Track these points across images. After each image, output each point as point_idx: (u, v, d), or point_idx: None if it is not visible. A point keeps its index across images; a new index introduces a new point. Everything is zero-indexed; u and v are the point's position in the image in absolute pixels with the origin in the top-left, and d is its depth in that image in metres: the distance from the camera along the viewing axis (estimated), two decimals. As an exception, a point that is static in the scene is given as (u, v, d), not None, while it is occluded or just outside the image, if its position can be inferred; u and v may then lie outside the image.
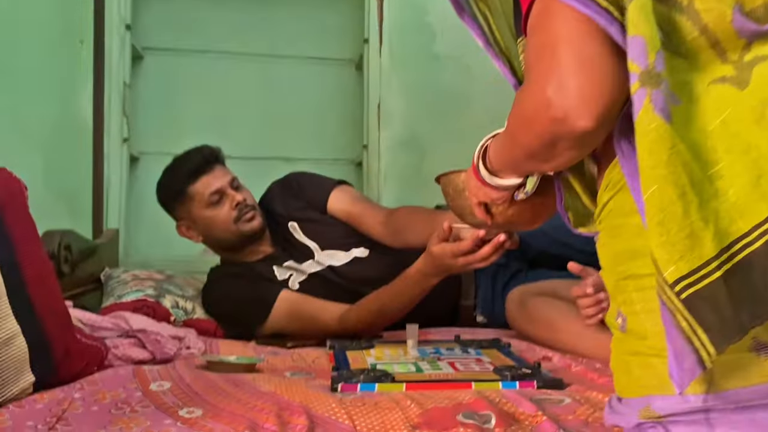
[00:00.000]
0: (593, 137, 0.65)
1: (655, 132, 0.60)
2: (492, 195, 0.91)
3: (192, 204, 1.69)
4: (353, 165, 2.76)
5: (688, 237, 0.59)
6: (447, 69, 2.56)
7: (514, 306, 1.60)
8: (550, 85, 0.62)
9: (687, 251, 0.59)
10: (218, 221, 1.69)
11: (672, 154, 0.59)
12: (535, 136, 0.68)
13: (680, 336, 0.60)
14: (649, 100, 0.60)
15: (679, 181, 0.59)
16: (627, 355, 0.73)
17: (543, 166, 0.75)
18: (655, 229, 0.60)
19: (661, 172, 0.59)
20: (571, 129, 0.63)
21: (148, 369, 1.13)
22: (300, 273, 1.72)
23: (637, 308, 0.70)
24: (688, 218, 0.59)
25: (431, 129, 2.55)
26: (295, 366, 1.25)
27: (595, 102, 0.61)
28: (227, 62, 2.74)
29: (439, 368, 1.17)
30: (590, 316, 1.35)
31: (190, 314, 1.66)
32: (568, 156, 0.70)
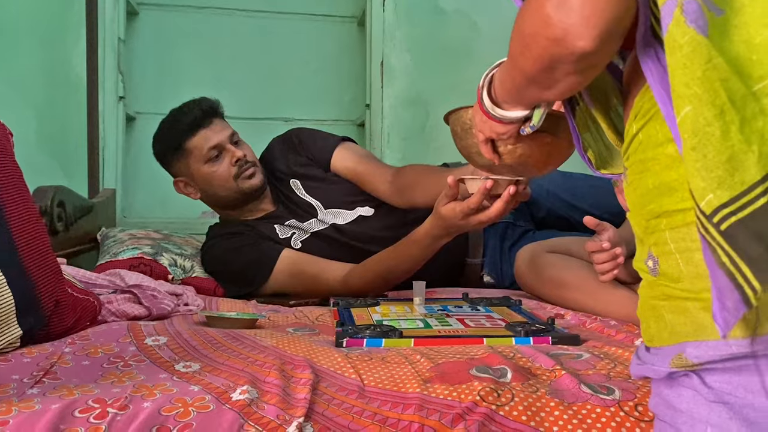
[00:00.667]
0: (594, 60, 0.60)
1: (688, 46, 0.53)
2: (497, 129, 0.84)
3: (190, 159, 1.63)
4: (355, 125, 2.69)
5: (728, 161, 0.53)
6: (452, 23, 2.47)
7: (524, 263, 1.54)
8: (550, 2, 0.57)
9: (727, 176, 0.53)
10: (217, 177, 1.62)
11: (707, 69, 0.53)
12: (533, 59, 0.63)
13: (722, 273, 0.54)
14: (681, 11, 0.54)
15: (717, 100, 0.53)
16: (658, 300, 0.67)
17: (546, 94, 0.69)
18: (690, 156, 0.54)
19: (696, 90, 0.53)
20: (571, 49, 0.58)
21: (144, 324, 1.08)
22: (302, 232, 1.67)
23: (670, 248, 0.64)
24: (728, 140, 0.53)
25: (436, 86, 2.47)
26: (298, 322, 1.20)
27: (596, 19, 0.56)
28: (225, 19, 2.65)
29: (448, 324, 1.12)
30: (606, 271, 1.30)
31: (188, 273, 1.61)
32: (571, 82, 0.64)
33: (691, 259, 0.62)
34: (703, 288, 0.61)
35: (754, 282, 0.52)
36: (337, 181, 1.73)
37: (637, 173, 0.69)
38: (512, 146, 0.89)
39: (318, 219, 1.68)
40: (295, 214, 1.69)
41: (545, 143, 0.89)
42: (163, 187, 1.80)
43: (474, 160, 0.99)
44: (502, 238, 1.75)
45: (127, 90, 2.40)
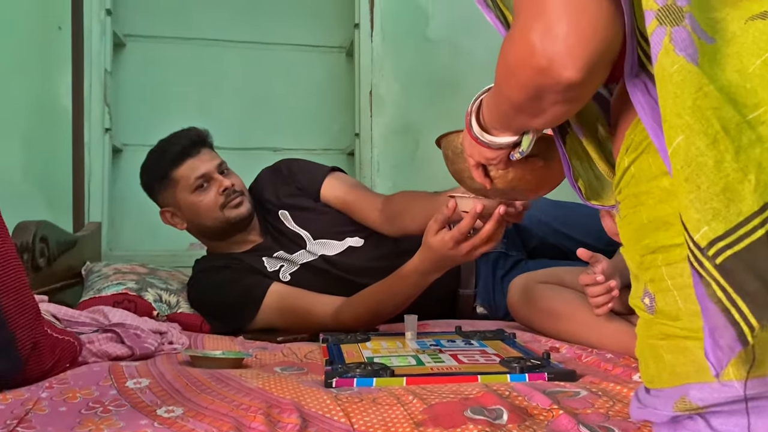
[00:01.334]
0: (581, 90, 0.58)
1: (678, 74, 0.52)
2: (486, 154, 0.82)
3: (176, 189, 1.60)
4: (345, 155, 2.68)
5: (722, 191, 0.50)
6: (440, 53, 2.49)
7: (517, 294, 1.52)
8: (535, 31, 0.55)
9: (722, 208, 0.50)
10: (203, 207, 1.59)
11: (698, 98, 0.51)
12: (519, 88, 0.61)
13: (716, 308, 0.51)
14: (669, 39, 0.52)
15: (709, 129, 0.51)
16: (656, 340, 0.65)
17: (533, 122, 0.68)
18: (683, 187, 0.52)
19: (687, 119, 0.51)
20: (556, 80, 0.56)
21: (126, 365, 1.04)
22: (291, 264, 1.63)
23: (667, 284, 0.62)
24: (722, 170, 0.50)
25: (425, 115, 2.46)
26: (286, 361, 1.17)
27: (582, 50, 0.54)
28: (213, 50, 2.65)
29: (441, 361, 1.09)
30: (600, 305, 1.27)
31: (174, 308, 1.57)
32: (557, 111, 0.63)
33: (689, 296, 0.59)
34: (702, 326, 0.59)
35: (751, 318, 0.50)
36: (327, 212, 1.71)
37: (630, 207, 0.67)
38: (503, 171, 0.87)
39: (307, 250, 1.65)
40: (284, 245, 1.66)
41: (537, 168, 0.87)
42: (150, 219, 1.77)
43: (466, 184, 0.97)
44: (495, 268, 1.73)
45: (113, 122, 2.38)
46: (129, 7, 2.55)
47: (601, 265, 1.29)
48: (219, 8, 2.64)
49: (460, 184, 1.00)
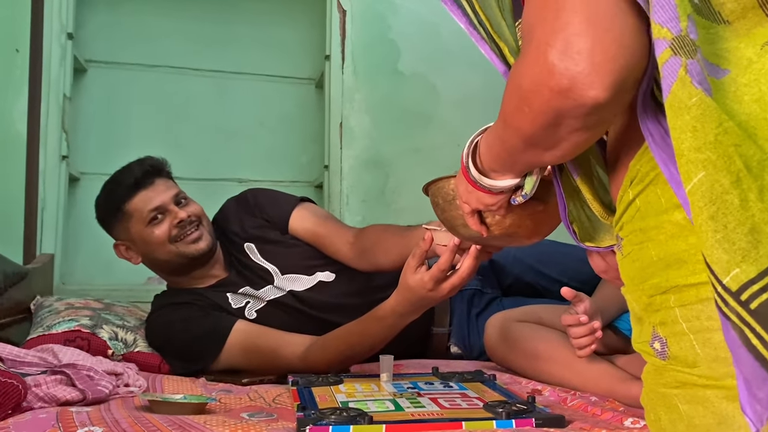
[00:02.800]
0: (605, 112, 0.53)
1: (697, 108, 0.48)
2: (485, 200, 0.77)
3: (130, 222, 1.52)
4: (313, 187, 2.62)
5: (750, 232, 0.46)
6: (412, 87, 2.46)
7: (494, 333, 1.46)
8: (554, 48, 0.51)
9: (751, 249, 0.46)
10: (156, 240, 1.51)
11: (720, 134, 0.48)
12: (534, 115, 0.55)
13: (751, 357, 0.47)
14: (685, 71, 0.48)
15: (732, 167, 0.47)
16: (669, 388, 0.60)
17: (545, 156, 0.61)
18: (708, 225, 0.48)
19: (709, 155, 0.48)
20: (580, 101, 0.51)
21: (77, 411, 0.94)
22: (257, 300, 1.55)
23: (682, 328, 0.57)
24: (748, 210, 0.47)
25: (396, 148, 2.43)
26: (253, 405, 1.08)
27: (608, 67, 0.50)
28: (179, 78, 2.58)
29: (421, 405, 1.02)
30: (583, 346, 1.23)
31: (131, 347, 1.46)
32: (576, 140, 0.57)
33: (709, 341, 0.55)
34: (725, 374, 0.54)
35: None
36: (296, 245, 1.63)
37: (635, 243, 0.62)
38: (501, 217, 0.81)
39: (274, 286, 1.57)
40: (250, 280, 1.58)
41: (537, 212, 0.82)
42: (107, 251, 1.67)
43: (459, 232, 0.91)
44: (470, 306, 1.68)
45: (71, 149, 2.28)
46: (92, 31, 2.48)
47: (584, 304, 1.25)
48: (186, 36, 2.58)
49: (451, 232, 0.94)
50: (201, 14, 2.60)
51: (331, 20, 2.41)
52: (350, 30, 2.42)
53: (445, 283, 1.15)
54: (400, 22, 2.46)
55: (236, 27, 2.62)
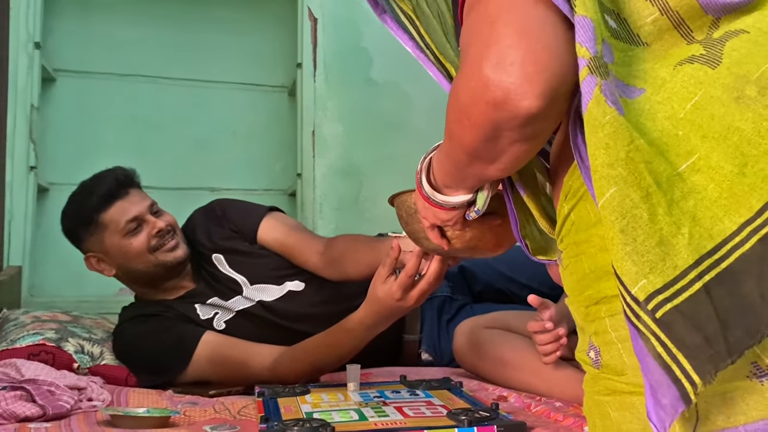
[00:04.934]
0: (540, 122, 0.54)
1: (610, 126, 0.50)
2: (441, 216, 0.78)
3: (105, 233, 1.50)
4: (286, 195, 2.61)
5: (657, 245, 0.48)
6: (384, 95, 2.47)
7: (463, 340, 1.47)
8: (488, 61, 0.52)
9: (659, 261, 0.48)
10: (135, 251, 1.49)
11: (631, 150, 0.49)
12: (473, 128, 0.56)
13: (656, 365, 0.48)
14: (600, 89, 0.50)
15: (642, 182, 0.49)
16: (602, 395, 0.61)
17: (489, 170, 0.63)
18: (618, 238, 0.49)
19: (620, 171, 0.49)
20: (515, 112, 0.52)
21: (35, 427, 0.93)
22: (226, 311, 1.54)
23: (611, 337, 0.59)
24: (656, 223, 0.48)
25: (369, 156, 2.43)
26: (217, 418, 1.07)
27: (540, 77, 0.51)
28: (149, 87, 2.56)
29: (385, 414, 1.02)
30: (549, 353, 1.24)
31: (97, 360, 1.45)
32: (516, 152, 0.58)
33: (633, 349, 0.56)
34: None
35: (694, 375, 0.46)
36: (265, 255, 1.63)
37: (572, 257, 0.64)
38: (461, 231, 0.82)
39: (243, 296, 1.56)
40: (218, 291, 1.57)
41: (495, 225, 0.83)
42: (77, 263, 1.65)
43: (422, 244, 0.92)
44: (440, 313, 1.68)
45: (40, 159, 2.25)
46: (60, 40, 2.45)
47: (550, 311, 1.26)
48: (157, 44, 2.56)
49: (416, 244, 0.95)
50: (172, 23, 2.58)
51: (303, 28, 2.41)
52: (322, 38, 2.42)
53: (413, 291, 1.16)
54: (372, 30, 2.46)
55: (208, 35, 2.61)
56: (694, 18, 0.54)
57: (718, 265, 0.47)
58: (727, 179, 0.48)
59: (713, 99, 0.50)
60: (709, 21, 0.54)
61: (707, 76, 0.51)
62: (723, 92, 0.50)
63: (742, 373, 0.49)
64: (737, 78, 0.50)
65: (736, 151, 0.49)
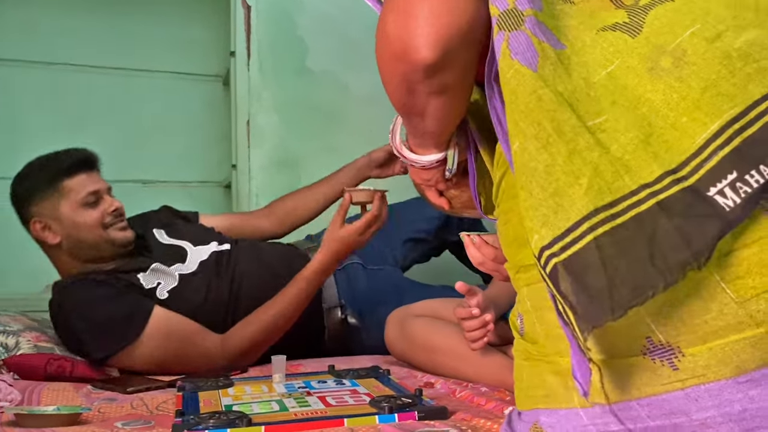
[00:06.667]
0: (444, 75, 0.55)
1: (514, 79, 0.50)
2: (422, 175, 0.79)
3: (62, 200, 1.50)
4: (222, 187, 2.56)
5: (551, 196, 0.48)
6: (321, 84, 2.43)
7: (393, 328, 1.47)
8: (389, 19, 0.54)
9: (551, 214, 0.48)
10: (88, 223, 1.51)
11: (531, 101, 0.49)
12: (392, 86, 0.59)
13: (562, 320, 0.48)
14: (507, 44, 0.51)
15: (541, 133, 0.49)
16: (520, 359, 0.61)
17: (424, 124, 0.65)
18: (519, 195, 0.50)
19: (521, 125, 0.50)
20: (414, 64, 0.54)
21: (-69, 431, 0.88)
22: (169, 278, 1.53)
23: (527, 306, 0.59)
24: (552, 174, 0.48)
25: (307, 147, 2.39)
26: (133, 414, 1.04)
27: (430, 27, 0.52)
28: (78, 76, 2.47)
29: (307, 404, 1.00)
30: (476, 339, 1.24)
31: (12, 351, 1.37)
32: (436, 105, 0.60)
33: (543, 318, 0.56)
34: (554, 351, 0.55)
35: (577, 332, 0.46)
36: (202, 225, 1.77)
37: (503, 224, 0.64)
38: (457, 192, 0.83)
39: (186, 263, 1.58)
40: (160, 258, 1.57)
41: None
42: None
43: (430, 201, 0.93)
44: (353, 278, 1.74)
45: (-43, 152, 2.14)
46: (-20, 26, 2.34)
47: (477, 298, 1.26)
48: (86, 32, 2.46)
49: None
50: (100, 10, 2.49)
51: (236, 16, 2.35)
52: (255, 26, 2.37)
53: (370, 230, 1.41)
54: (306, 19, 2.43)
55: (139, 23, 2.53)
56: None
57: (613, 219, 0.46)
58: (632, 143, 0.48)
59: (629, 69, 0.50)
60: None
61: (626, 45, 0.51)
62: (639, 62, 0.50)
63: (637, 348, 0.49)
64: (654, 48, 0.50)
65: (643, 121, 0.48)
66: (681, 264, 0.44)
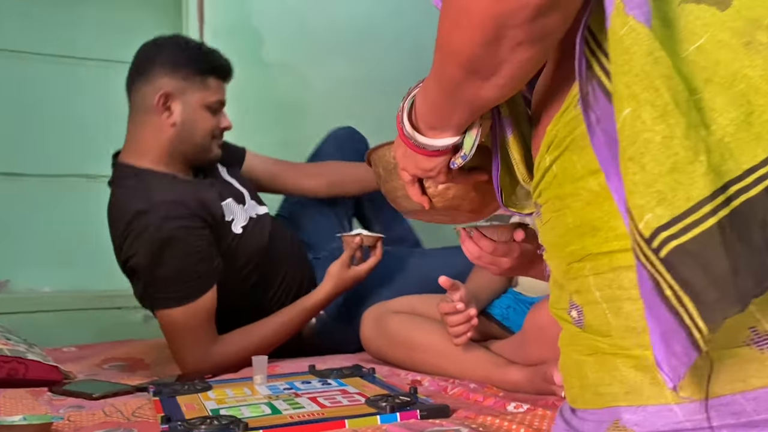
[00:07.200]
0: (551, 16, 0.49)
1: (628, 37, 0.45)
2: (423, 164, 0.69)
3: (198, 92, 1.51)
4: (172, 182, 2.44)
5: (669, 172, 0.44)
6: (278, 77, 2.36)
7: (369, 325, 1.43)
8: None
9: (669, 192, 0.44)
10: (204, 126, 1.52)
11: (647, 63, 0.45)
12: (473, 29, 0.50)
13: (665, 309, 0.44)
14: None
15: (658, 100, 0.44)
16: (583, 355, 0.57)
17: (485, 89, 0.56)
18: (627, 167, 0.45)
19: (635, 89, 0.45)
20: (523, 2, 0.46)
21: None
22: (241, 216, 1.56)
23: (595, 297, 0.55)
24: (671, 148, 0.44)
25: (263, 141, 2.29)
26: (108, 421, 0.95)
27: None
28: (17, 63, 2.30)
29: (300, 406, 0.95)
30: (460, 334, 1.22)
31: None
32: (519, 59, 0.52)
33: (620, 310, 0.52)
34: (635, 344, 0.52)
35: (700, 322, 0.43)
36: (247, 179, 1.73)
37: (554, 211, 0.59)
38: (443, 187, 0.74)
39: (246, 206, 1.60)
40: (232, 193, 1.58)
41: (480, 182, 0.75)
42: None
43: (400, 204, 0.83)
44: None
45: None
46: None
47: (460, 292, 1.24)
48: (25, 17, 2.30)
49: (393, 205, 0.85)
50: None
51: (188, 4, 2.25)
52: (209, 15, 2.27)
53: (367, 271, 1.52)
54: (263, 9, 2.35)
55: (83, 9, 2.38)
56: None
57: (730, 203, 0.43)
58: (733, 124, 0.45)
59: (720, 43, 0.47)
60: None
61: (715, 18, 0.48)
62: (732, 36, 0.47)
63: (740, 339, 0.46)
64: (748, 22, 0.47)
65: (742, 99, 0.45)
66: None
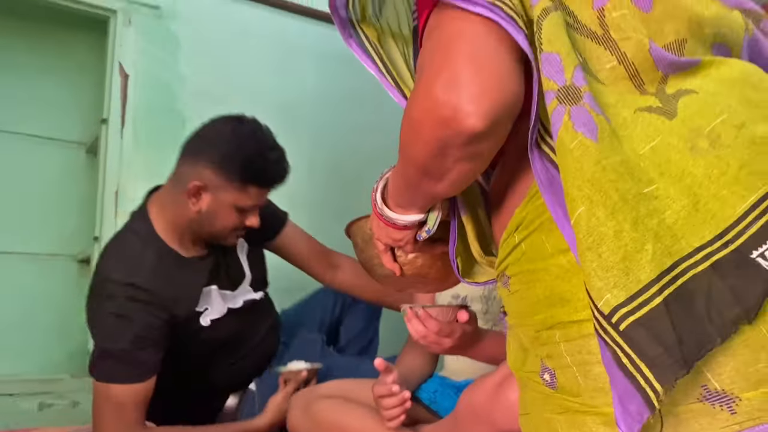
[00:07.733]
0: (483, 142, 0.58)
1: (577, 150, 0.54)
2: (394, 235, 0.80)
3: (233, 194, 1.46)
4: (77, 261, 2.34)
5: (622, 260, 0.52)
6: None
7: (296, 411, 1.42)
8: (439, 82, 0.55)
9: (622, 276, 0.52)
10: (226, 224, 1.50)
11: (597, 171, 0.54)
12: (423, 144, 0.60)
13: (622, 375, 0.52)
14: (569, 116, 0.55)
15: (608, 201, 0.53)
16: (554, 414, 0.63)
17: (437, 187, 0.66)
18: (586, 256, 0.53)
19: (587, 192, 0.53)
20: (460, 130, 0.55)
21: None
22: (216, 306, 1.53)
23: (567, 361, 0.61)
24: (621, 239, 0.52)
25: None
26: None
27: (486, 99, 0.54)
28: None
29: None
30: (394, 417, 1.24)
31: None
32: (462, 170, 0.62)
33: (589, 373, 0.59)
34: (603, 402, 0.58)
35: (656, 384, 0.50)
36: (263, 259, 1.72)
37: (524, 283, 0.66)
38: (412, 257, 0.85)
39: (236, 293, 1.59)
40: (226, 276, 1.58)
41: (446, 254, 0.85)
42: None
43: (375, 272, 0.93)
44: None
45: None
46: None
47: (393, 375, 1.27)
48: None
49: (368, 273, 0.96)
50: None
51: (111, 83, 2.24)
52: (133, 96, 2.26)
53: None
54: (186, 94, 2.37)
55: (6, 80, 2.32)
56: (647, 71, 0.61)
57: (675, 281, 0.52)
58: (684, 209, 0.54)
59: (670, 146, 0.56)
60: (659, 77, 0.61)
61: (664, 125, 0.57)
62: (679, 141, 0.56)
63: (693, 395, 0.53)
64: (691, 131, 0.57)
65: (689, 191, 0.54)
66: (734, 319, 0.50)
